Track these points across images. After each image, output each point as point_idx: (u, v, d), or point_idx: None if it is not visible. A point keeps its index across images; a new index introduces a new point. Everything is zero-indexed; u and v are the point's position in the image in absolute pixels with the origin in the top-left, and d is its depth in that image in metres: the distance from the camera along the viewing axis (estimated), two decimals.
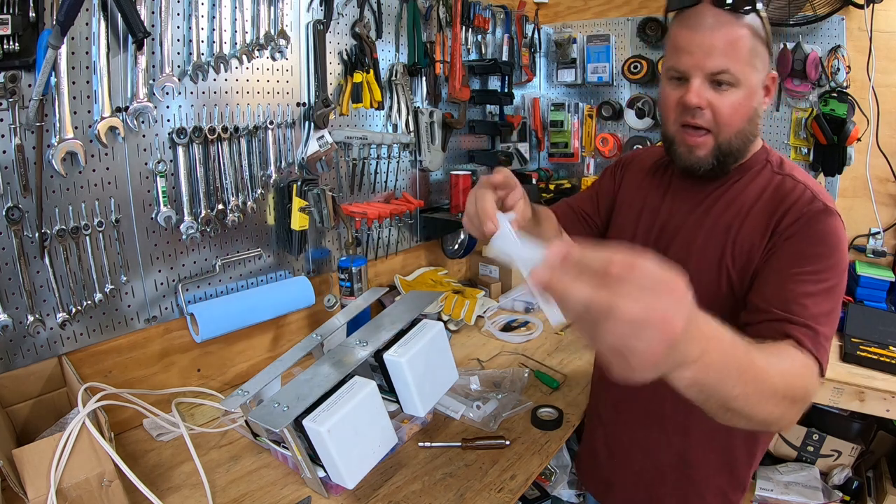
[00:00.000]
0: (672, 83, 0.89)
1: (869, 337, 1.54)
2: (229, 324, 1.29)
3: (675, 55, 0.86)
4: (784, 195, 0.88)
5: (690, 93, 0.84)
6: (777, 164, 0.94)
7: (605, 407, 1.18)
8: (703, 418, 0.97)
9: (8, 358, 1.01)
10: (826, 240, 0.81)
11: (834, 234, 0.82)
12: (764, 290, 0.83)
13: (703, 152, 0.89)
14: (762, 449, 1.06)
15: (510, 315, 1.84)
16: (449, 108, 1.91)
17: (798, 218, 0.84)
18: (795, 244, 0.83)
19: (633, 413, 1.09)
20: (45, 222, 1.00)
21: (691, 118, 0.87)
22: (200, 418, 1.21)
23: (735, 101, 0.84)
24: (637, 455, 1.10)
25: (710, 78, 0.84)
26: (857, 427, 1.71)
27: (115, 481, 0.84)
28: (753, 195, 0.92)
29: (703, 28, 0.82)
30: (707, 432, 1.00)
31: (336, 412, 0.88)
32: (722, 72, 0.82)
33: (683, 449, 1.04)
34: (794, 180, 0.90)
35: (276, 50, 1.31)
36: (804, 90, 1.86)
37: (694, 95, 0.84)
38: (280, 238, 1.44)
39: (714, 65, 0.82)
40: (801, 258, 0.81)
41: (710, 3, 0.83)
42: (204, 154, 1.21)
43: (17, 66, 0.93)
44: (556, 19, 2.38)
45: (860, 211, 1.90)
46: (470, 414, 1.22)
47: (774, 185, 0.90)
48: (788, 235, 0.84)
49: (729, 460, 1.03)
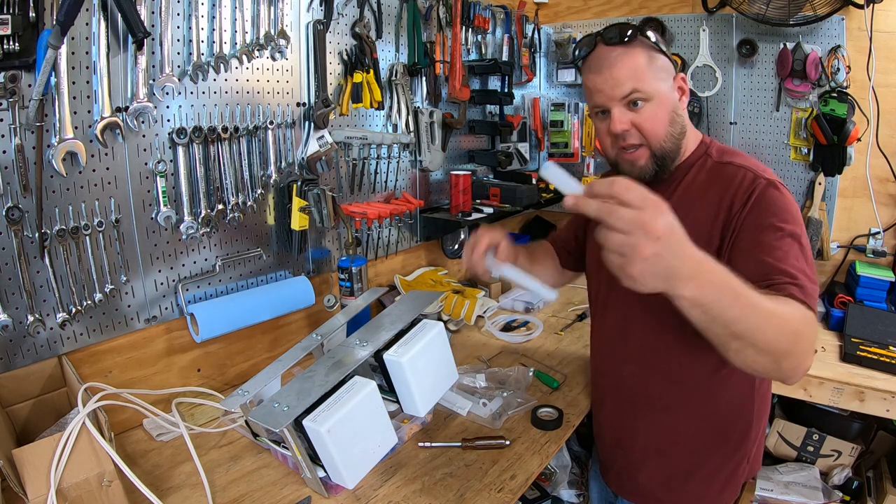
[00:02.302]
0: (599, 118, 1.00)
1: (869, 337, 1.54)
2: (229, 324, 1.29)
3: (592, 96, 0.99)
4: (728, 181, 0.96)
5: (613, 122, 0.95)
6: (718, 154, 1.02)
7: (601, 395, 1.22)
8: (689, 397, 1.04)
9: (8, 358, 1.01)
10: (778, 206, 0.90)
11: (783, 200, 0.91)
12: (741, 270, 0.86)
13: (643, 162, 0.99)
14: (760, 418, 1.09)
15: (510, 315, 1.84)
16: (449, 108, 1.91)
17: (748, 196, 0.92)
18: (753, 219, 0.90)
19: (626, 396, 1.13)
20: (45, 222, 1.00)
21: (623, 141, 0.97)
22: (200, 418, 1.21)
23: (652, 112, 0.95)
24: (640, 438, 1.12)
25: (625, 102, 0.94)
26: (857, 427, 1.71)
27: (115, 481, 0.84)
28: (700, 187, 0.99)
29: (603, 67, 0.95)
30: (697, 409, 1.05)
31: (336, 412, 0.88)
32: (632, 92, 0.93)
33: (675, 427, 1.07)
34: (734, 166, 0.97)
35: (276, 50, 1.31)
36: (804, 90, 1.86)
37: (617, 123, 0.95)
38: (280, 238, 1.44)
39: (622, 91, 0.93)
40: (762, 229, 0.88)
41: (603, 44, 0.95)
42: (204, 154, 1.21)
43: (17, 66, 0.93)
44: (556, 19, 2.38)
45: (860, 211, 1.90)
46: (476, 410, 1.22)
47: (718, 174, 0.98)
48: (745, 214, 0.91)
49: (725, 433, 1.06)
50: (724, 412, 1.05)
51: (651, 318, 1.02)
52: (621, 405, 1.14)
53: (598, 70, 0.95)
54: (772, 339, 0.69)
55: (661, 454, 1.10)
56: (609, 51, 0.94)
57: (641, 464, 1.12)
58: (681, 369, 1.03)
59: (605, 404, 1.20)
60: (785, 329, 0.70)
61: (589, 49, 0.97)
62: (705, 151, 1.03)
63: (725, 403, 1.04)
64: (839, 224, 1.94)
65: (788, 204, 0.91)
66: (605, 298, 1.14)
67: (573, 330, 1.74)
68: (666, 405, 1.07)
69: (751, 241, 0.89)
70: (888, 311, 1.74)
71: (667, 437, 1.09)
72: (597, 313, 1.21)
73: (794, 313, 0.74)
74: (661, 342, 1.03)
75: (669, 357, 1.03)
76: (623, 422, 1.14)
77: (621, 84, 0.93)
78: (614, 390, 1.15)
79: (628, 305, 1.06)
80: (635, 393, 1.10)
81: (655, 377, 1.06)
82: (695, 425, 1.06)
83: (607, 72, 0.94)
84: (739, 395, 1.05)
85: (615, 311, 1.11)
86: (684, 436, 1.07)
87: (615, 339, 1.12)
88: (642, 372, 1.08)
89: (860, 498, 1.64)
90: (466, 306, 1.72)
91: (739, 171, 0.96)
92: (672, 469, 1.09)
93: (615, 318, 1.11)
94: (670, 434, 1.08)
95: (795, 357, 0.72)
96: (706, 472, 1.08)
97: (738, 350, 0.70)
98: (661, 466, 1.10)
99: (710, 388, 1.03)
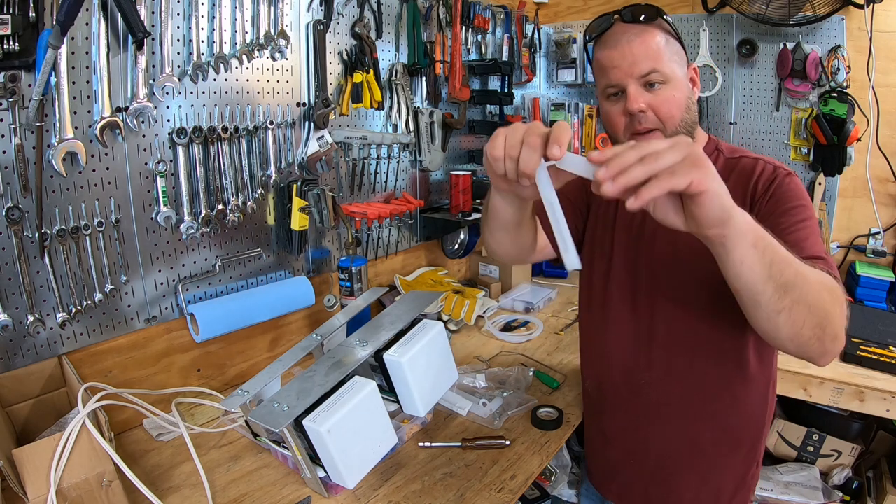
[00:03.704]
0: (610, 101, 0.94)
1: (869, 337, 1.54)
2: (229, 324, 1.29)
3: (606, 74, 0.92)
4: (748, 173, 0.94)
5: (630, 100, 0.89)
6: (729, 152, 1.00)
7: (607, 404, 1.15)
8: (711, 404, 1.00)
9: (8, 358, 1.01)
10: (796, 194, 0.90)
11: (799, 188, 0.92)
12: None
13: None
14: (769, 421, 1.06)
15: (510, 315, 1.84)
16: (449, 108, 1.91)
17: (769, 184, 0.91)
18: (774, 206, 0.90)
19: (640, 405, 1.07)
20: (45, 222, 1.00)
21: (638, 125, 0.91)
22: (200, 418, 1.21)
23: (669, 95, 0.90)
24: (654, 448, 1.07)
25: (642, 81, 0.89)
26: (857, 427, 1.71)
27: (115, 481, 0.84)
28: None
29: (621, 44, 0.90)
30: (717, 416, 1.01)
31: (336, 412, 0.88)
32: (651, 72, 0.88)
33: (695, 436, 1.03)
34: (749, 158, 0.97)
35: (276, 50, 1.31)
36: (804, 90, 1.86)
37: (633, 102, 0.89)
38: (280, 238, 1.44)
39: (642, 68, 0.88)
40: (783, 214, 0.88)
41: (621, 21, 0.91)
42: (204, 154, 1.21)
43: (17, 66, 0.92)
44: (556, 19, 2.38)
45: (860, 211, 1.90)
46: (476, 410, 1.22)
47: (735, 168, 0.97)
48: (765, 201, 0.91)
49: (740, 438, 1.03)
50: (742, 417, 1.02)
51: (682, 321, 0.98)
52: (634, 414, 1.08)
53: (615, 45, 0.91)
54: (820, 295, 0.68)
55: (677, 463, 1.05)
56: (627, 27, 0.90)
57: (654, 474, 1.08)
58: (705, 375, 0.99)
59: (612, 414, 1.12)
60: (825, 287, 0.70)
61: (606, 25, 0.93)
62: (716, 147, 1.01)
63: (743, 408, 1.01)
64: (839, 224, 1.94)
65: (804, 192, 0.91)
66: (620, 303, 1.05)
67: (573, 330, 1.74)
68: (685, 413, 1.02)
69: (773, 225, 0.84)
70: (888, 311, 1.74)
71: (684, 446, 1.04)
72: (604, 317, 1.09)
73: (829, 278, 0.74)
74: (689, 345, 0.98)
75: (694, 361, 0.99)
76: (636, 433, 1.08)
77: (639, 62, 0.88)
78: (627, 399, 1.08)
79: (657, 309, 1.00)
80: (652, 402, 1.04)
81: (678, 385, 1.01)
82: (714, 433, 1.02)
83: (626, 47, 0.89)
84: (756, 399, 1.02)
85: (638, 316, 1.03)
86: (703, 444, 1.03)
87: (635, 346, 1.04)
88: (664, 379, 1.02)
89: (860, 498, 1.64)
90: (466, 306, 1.72)
91: (758, 163, 0.95)
92: (687, 478, 1.05)
93: (637, 323, 1.03)
94: (688, 443, 1.03)
95: (836, 323, 0.71)
96: (722, 479, 1.05)
97: (791, 307, 0.68)
98: (676, 476, 1.06)
99: (731, 394, 1.00)
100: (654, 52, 0.89)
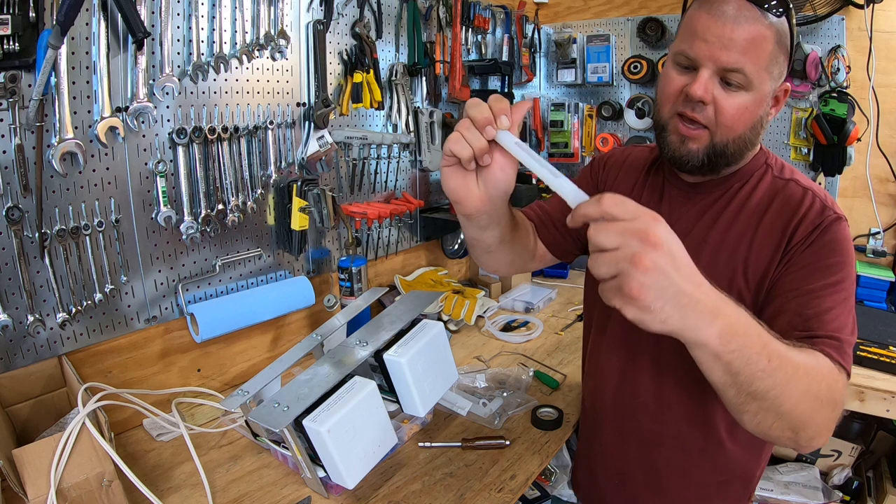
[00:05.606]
0: (678, 69, 0.81)
1: (869, 337, 1.54)
2: (229, 324, 1.29)
3: (689, 40, 0.78)
4: (795, 206, 0.83)
5: (696, 83, 0.77)
6: (778, 169, 0.90)
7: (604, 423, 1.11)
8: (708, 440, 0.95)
9: (8, 358, 1.01)
10: (839, 248, 0.79)
11: (845, 240, 0.80)
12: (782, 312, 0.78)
13: (696, 146, 0.82)
14: (767, 454, 1.02)
15: (510, 315, 1.84)
16: (449, 108, 1.91)
17: (812, 230, 0.80)
18: (809, 257, 0.79)
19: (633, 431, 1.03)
20: (45, 222, 1.00)
21: (690, 110, 0.80)
22: (200, 418, 1.21)
23: (742, 104, 0.78)
24: (643, 474, 1.04)
25: (720, 73, 0.77)
26: (857, 427, 1.71)
27: (115, 481, 0.84)
28: (760, 205, 0.87)
29: (725, 17, 0.74)
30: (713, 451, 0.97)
31: (336, 412, 0.88)
32: (735, 70, 0.75)
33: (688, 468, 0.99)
34: (798, 185, 0.86)
35: (276, 50, 1.31)
36: (804, 90, 1.86)
37: (699, 87, 0.76)
38: (280, 238, 1.44)
39: (729, 60, 0.75)
40: (816, 272, 0.78)
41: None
42: (204, 154, 1.21)
43: (17, 66, 0.92)
44: (556, 19, 2.38)
45: (860, 211, 1.90)
46: (476, 410, 1.22)
47: (781, 193, 0.86)
48: (802, 248, 0.80)
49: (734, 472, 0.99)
50: (738, 452, 0.96)
51: (677, 357, 0.88)
52: (626, 439, 1.04)
53: (718, 15, 0.75)
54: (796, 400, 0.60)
55: (665, 493, 1.02)
56: (743, 5, 0.74)
57: (640, 498, 1.05)
58: (695, 410, 0.94)
59: (606, 434, 1.08)
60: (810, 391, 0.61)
61: None
62: (765, 161, 0.90)
63: (741, 444, 0.95)
64: None
65: (848, 242, 0.80)
66: (619, 323, 1.00)
67: (573, 330, 1.74)
68: (681, 446, 0.97)
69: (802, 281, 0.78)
70: (888, 311, 1.74)
71: (674, 476, 1.00)
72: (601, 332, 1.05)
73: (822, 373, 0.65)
74: (681, 380, 0.93)
75: (689, 396, 0.94)
76: (626, 456, 1.05)
77: (732, 49, 0.74)
78: (621, 422, 1.04)
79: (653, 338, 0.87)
80: (646, 431, 1.00)
81: (675, 421, 0.96)
82: (707, 467, 0.98)
83: (728, 26, 0.74)
84: (750, 440, 0.95)
85: (634, 341, 0.97)
86: (695, 476, 0.99)
87: (630, 370, 0.99)
88: (661, 415, 0.97)
89: (860, 498, 1.64)
90: (466, 306, 1.72)
91: (807, 196, 0.83)
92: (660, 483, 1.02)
93: (632, 347, 0.98)
94: (679, 473, 1.00)
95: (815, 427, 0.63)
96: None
97: (756, 413, 0.61)
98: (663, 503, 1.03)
99: (726, 430, 0.94)
100: (754, 48, 0.75)
